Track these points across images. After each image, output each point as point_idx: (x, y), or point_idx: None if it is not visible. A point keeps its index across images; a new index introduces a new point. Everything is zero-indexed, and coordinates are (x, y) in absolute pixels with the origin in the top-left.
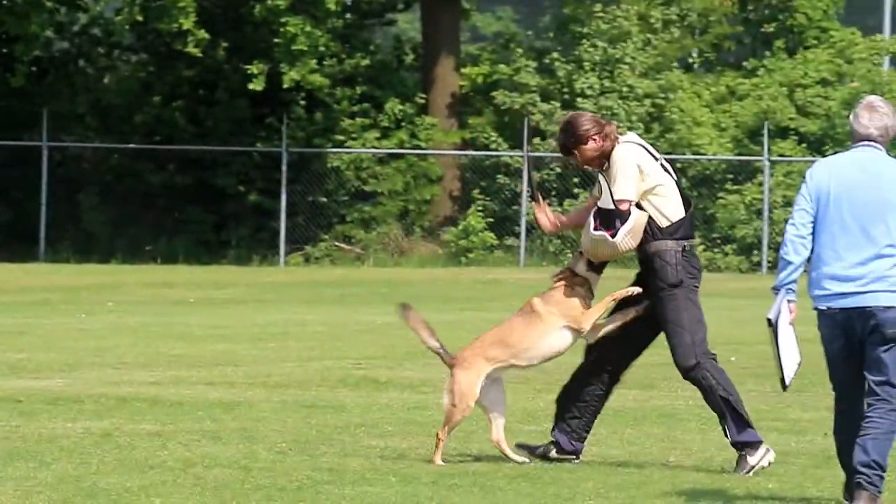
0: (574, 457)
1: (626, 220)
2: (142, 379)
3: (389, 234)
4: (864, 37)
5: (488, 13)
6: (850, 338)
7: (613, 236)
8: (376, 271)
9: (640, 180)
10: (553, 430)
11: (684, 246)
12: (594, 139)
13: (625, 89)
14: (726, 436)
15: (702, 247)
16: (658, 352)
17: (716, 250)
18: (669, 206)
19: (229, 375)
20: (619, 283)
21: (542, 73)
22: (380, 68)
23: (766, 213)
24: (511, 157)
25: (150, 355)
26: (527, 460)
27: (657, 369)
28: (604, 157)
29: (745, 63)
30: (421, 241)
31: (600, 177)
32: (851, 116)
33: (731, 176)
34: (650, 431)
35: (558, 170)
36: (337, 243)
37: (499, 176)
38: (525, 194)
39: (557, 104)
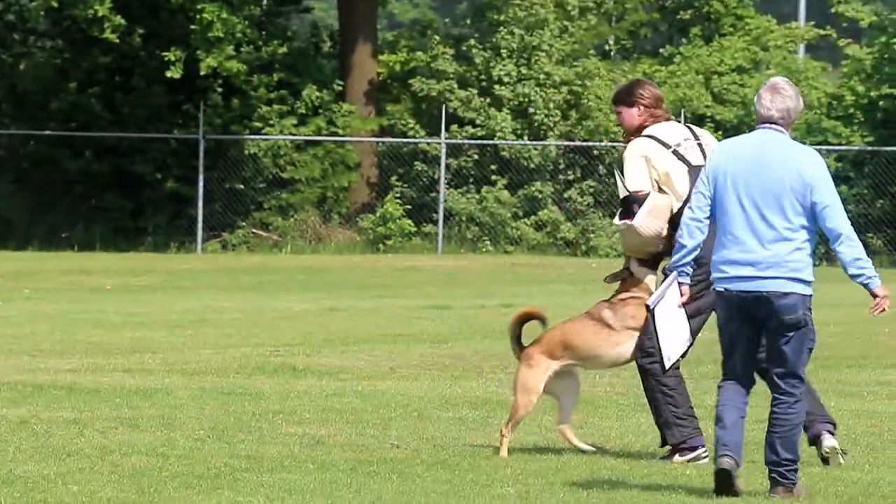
0: None
1: (642, 203)
2: (59, 366)
3: (307, 220)
4: (779, 24)
5: (405, 0)
6: (745, 320)
7: (633, 220)
8: (294, 258)
9: (649, 170)
10: None
11: None
12: (639, 108)
13: (542, 76)
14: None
15: (618, 234)
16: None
17: None
18: (674, 195)
19: (147, 363)
20: None
21: (459, 60)
22: (297, 55)
23: None
24: (429, 143)
25: (67, 342)
26: (592, 449)
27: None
28: (631, 133)
29: (661, 50)
30: (338, 227)
31: (616, 173)
32: (755, 98)
33: None
34: None
35: (476, 157)
36: (254, 230)
37: (416, 163)
38: (443, 181)
39: (475, 91)
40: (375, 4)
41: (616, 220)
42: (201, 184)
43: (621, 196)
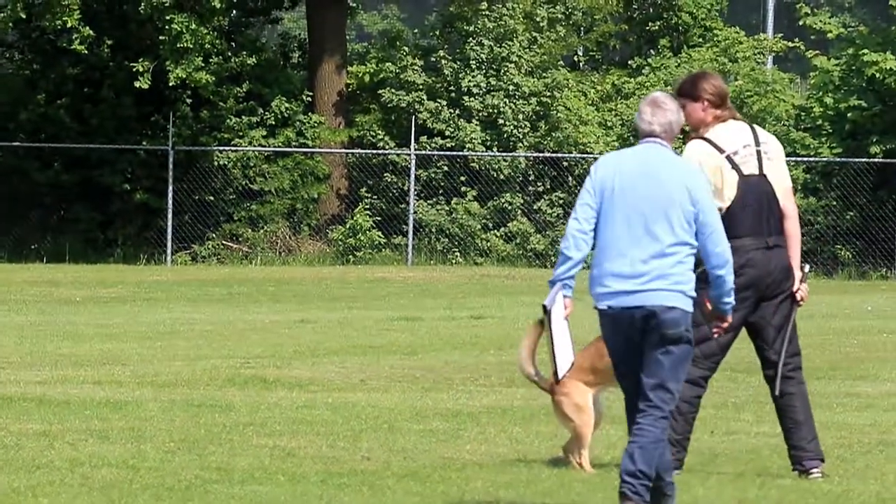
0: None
1: None
2: (28, 378)
3: (277, 232)
4: (747, 36)
5: (374, 12)
6: (629, 336)
7: None
8: (264, 270)
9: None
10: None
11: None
12: (703, 103)
13: (511, 87)
14: None
15: None
16: (542, 350)
17: None
18: (720, 203)
19: (117, 374)
20: None
21: (428, 71)
22: (266, 66)
23: None
24: (398, 155)
25: (36, 354)
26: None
27: (543, 367)
28: (694, 128)
29: (630, 62)
30: (308, 239)
31: None
32: (636, 113)
33: None
34: (538, 430)
35: (445, 168)
36: (224, 242)
37: (386, 174)
38: (413, 193)
39: (444, 102)
40: (345, 16)
41: None
42: (171, 195)
43: None
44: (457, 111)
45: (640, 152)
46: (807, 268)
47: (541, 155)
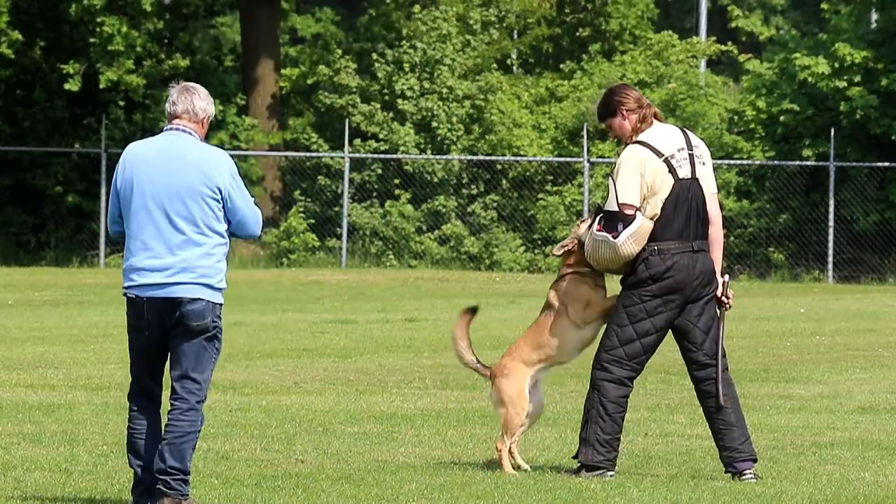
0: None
1: (629, 224)
2: None
3: None
4: (680, 39)
5: (307, 15)
6: (153, 331)
7: (615, 238)
8: None
9: (643, 184)
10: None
11: (654, 248)
12: (622, 114)
13: (444, 90)
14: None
15: (522, 248)
16: (479, 352)
17: (536, 251)
18: (653, 207)
19: (49, 378)
20: None
21: (361, 74)
22: (199, 69)
23: (585, 214)
24: (332, 157)
25: None
26: (528, 467)
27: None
28: (626, 138)
29: (562, 65)
30: (242, 241)
31: (609, 179)
32: (167, 101)
33: (550, 177)
34: (473, 433)
35: (379, 171)
36: None
37: (320, 177)
38: (346, 195)
39: (378, 105)
40: (277, 19)
41: (596, 229)
42: (104, 198)
43: (608, 207)
44: (390, 114)
45: (160, 141)
46: (727, 277)
47: (474, 158)
